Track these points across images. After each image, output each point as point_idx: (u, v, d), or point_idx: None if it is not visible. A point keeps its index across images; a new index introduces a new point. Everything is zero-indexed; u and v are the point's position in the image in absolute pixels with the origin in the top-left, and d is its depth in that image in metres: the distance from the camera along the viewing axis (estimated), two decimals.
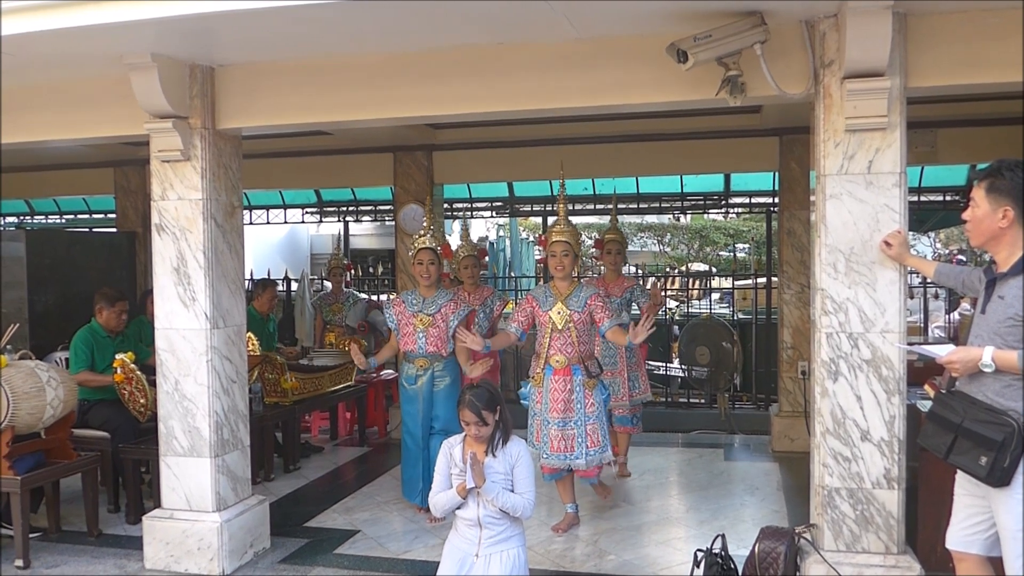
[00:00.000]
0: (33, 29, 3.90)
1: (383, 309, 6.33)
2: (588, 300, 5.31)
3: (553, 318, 5.31)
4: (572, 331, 5.29)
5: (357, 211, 11.86)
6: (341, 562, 5.05)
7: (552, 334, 5.32)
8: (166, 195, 4.87)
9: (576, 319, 5.28)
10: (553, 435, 5.29)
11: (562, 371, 5.30)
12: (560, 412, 5.28)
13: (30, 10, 3.85)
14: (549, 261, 5.41)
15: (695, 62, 3.78)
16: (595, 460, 5.35)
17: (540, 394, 5.37)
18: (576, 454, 5.30)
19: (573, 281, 5.43)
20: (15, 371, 5.02)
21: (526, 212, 11.87)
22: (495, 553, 3.64)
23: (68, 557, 5.19)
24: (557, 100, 4.46)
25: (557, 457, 5.30)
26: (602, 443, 5.37)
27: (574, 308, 5.29)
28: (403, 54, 4.56)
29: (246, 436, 5.21)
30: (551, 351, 5.33)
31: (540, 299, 5.40)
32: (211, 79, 4.84)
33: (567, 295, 5.33)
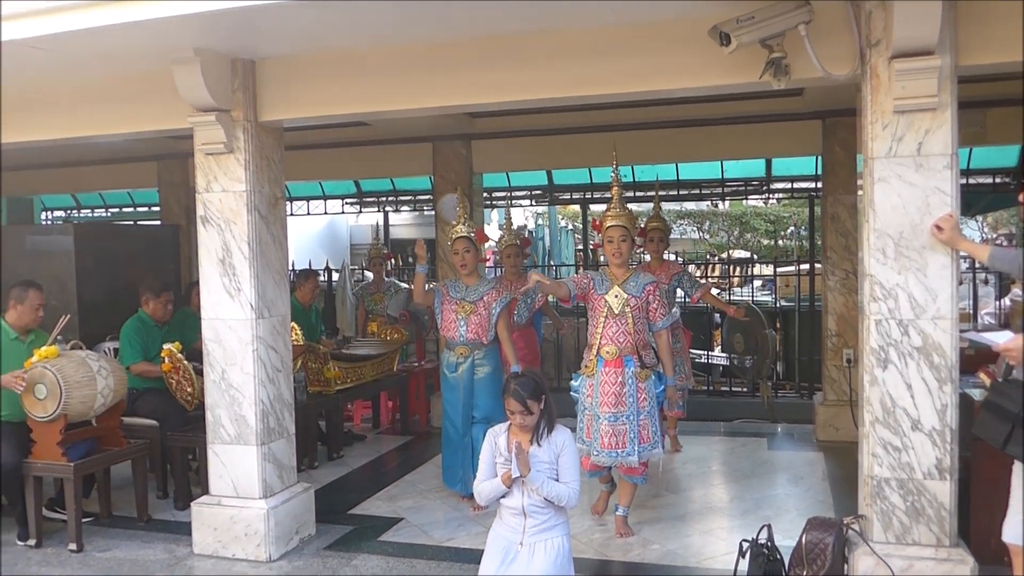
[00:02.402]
0: (79, 27, 3.96)
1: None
2: (647, 287, 5.11)
3: (609, 302, 5.06)
4: (628, 318, 5.04)
5: (396, 201, 11.91)
6: (385, 549, 5.09)
7: (606, 320, 5.06)
8: (210, 187, 4.92)
9: (633, 304, 5.05)
10: (604, 430, 5.03)
11: (613, 362, 5.03)
12: (611, 406, 5.01)
13: (76, 8, 3.91)
14: (606, 247, 5.15)
15: (738, 45, 3.72)
16: (645, 457, 5.12)
17: (591, 387, 5.12)
18: (628, 451, 5.04)
19: (630, 268, 5.22)
20: (67, 361, 5.13)
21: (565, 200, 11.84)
22: (539, 542, 3.63)
23: (119, 541, 5.31)
24: (597, 87, 4.42)
25: (607, 454, 5.04)
26: (653, 439, 5.12)
27: (632, 292, 5.06)
28: (442, 43, 4.55)
29: (291, 424, 5.26)
30: (603, 340, 5.07)
31: (596, 281, 5.15)
32: (252, 72, 4.89)
33: (624, 280, 5.11)
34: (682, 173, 10.32)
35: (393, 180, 11.31)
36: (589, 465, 5.17)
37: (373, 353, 7.64)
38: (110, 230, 11.22)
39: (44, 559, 5.06)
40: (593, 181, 10.50)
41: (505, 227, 7.14)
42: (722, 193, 11.07)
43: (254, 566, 4.86)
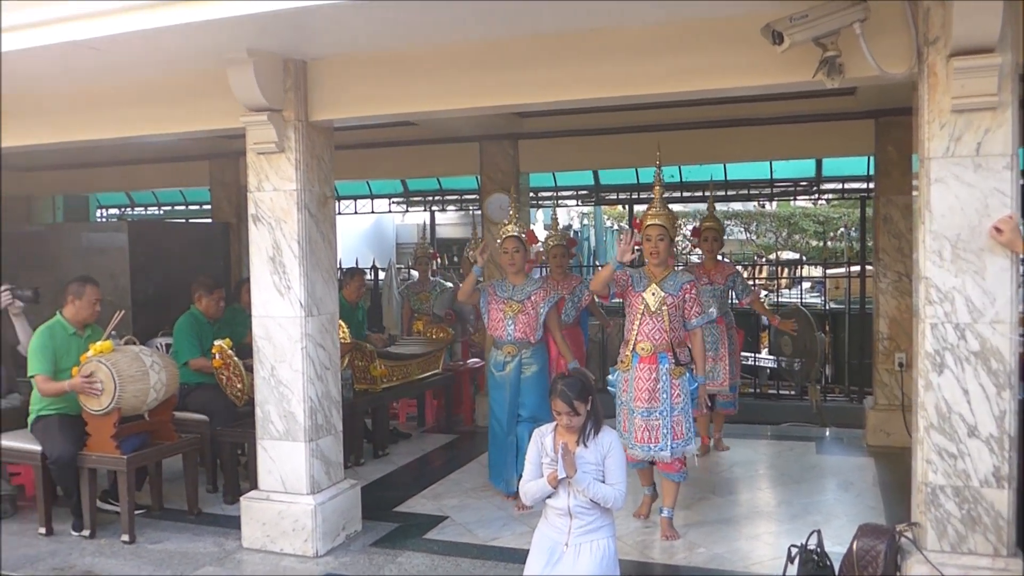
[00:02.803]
0: (136, 28, 4.03)
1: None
2: (684, 286, 5.12)
3: (647, 299, 5.08)
4: (665, 316, 5.06)
5: (443, 200, 11.95)
6: (430, 547, 5.11)
7: (643, 317, 5.09)
8: (262, 186, 4.99)
9: (670, 303, 5.07)
10: (637, 425, 5.10)
11: (648, 359, 5.07)
12: (645, 402, 5.07)
13: (134, 9, 3.98)
14: (644, 246, 5.16)
15: (791, 43, 3.67)
16: (678, 453, 5.12)
17: (626, 382, 5.17)
18: (661, 445, 5.08)
19: (668, 267, 5.23)
20: (121, 356, 5.23)
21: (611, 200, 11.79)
22: (585, 543, 3.62)
23: (170, 534, 5.40)
24: (646, 86, 4.39)
25: (641, 448, 5.09)
26: (686, 436, 5.13)
27: (669, 291, 5.08)
28: (490, 42, 4.56)
29: (339, 422, 5.31)
30: (639, 337, 5.10)
31: (635, 279, 5.15)
32: (304, 72, 4.94)
33: (662, 278, 5.12)
34: (730, 173, 10.23)
35: (440, 180, 11.36)
36: (629, 458, 5.13)
37: (419, 352, 7.69)
38: (162, 228, 11.44)
39: (98, 549, 5.17)
40: (639, 181, 10.44)
41: (552, 227, 7.15)
42: (771, 193, 10.95)
43: (301, 561, 4.91)
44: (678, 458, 5.15)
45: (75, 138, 5.78)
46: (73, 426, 5.33)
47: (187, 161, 9.76)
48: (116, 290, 8.11)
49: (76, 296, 5.52)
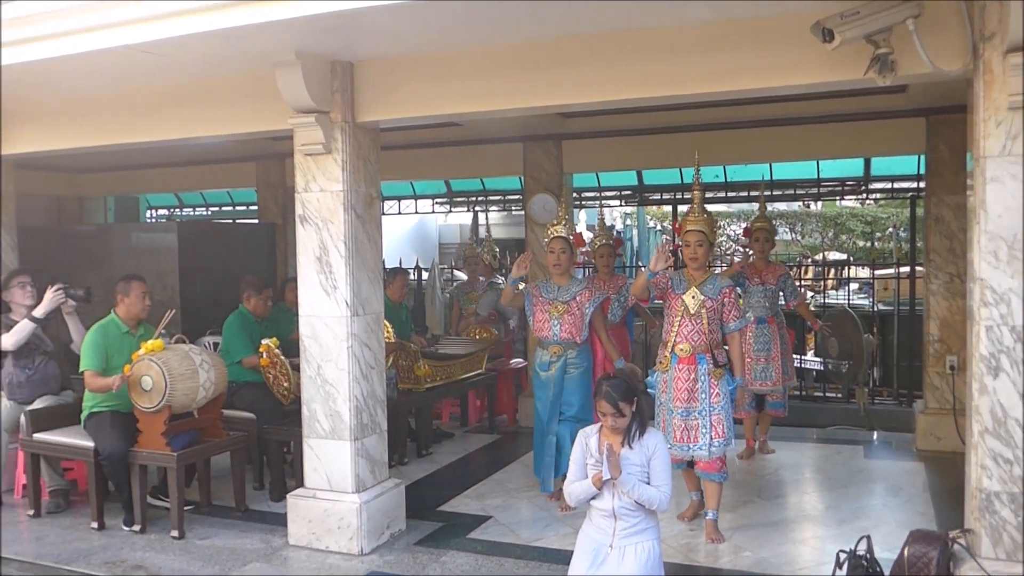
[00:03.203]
0: (187, 32, 4.11)
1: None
2: (723, 290, 5.18)
3: (686, 302, 5.16)
4: (703, 318, 5.13)
5: (486, 201, 11.98)
6: (474, 547, 5.12)
7: (682, 319, 5.16)
8: (309, 187, 5.04)
9: (709, 306, 5.14)
10: (676, 424, 5.16)
11: (687, 360, 5.13)
12: (683, 401, 5.13)
13: (185, 13, 4.05)
14: (683, 251, 5.27)
15: (841, 41, 3.62)
16: (718, 452, 5.14)
17: (665, 382, 5.24)
18: (700, 444, 5.12)
19: (707, 270, 5.30)
20: (171, 354, 5.32)
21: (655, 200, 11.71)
22: (630, 545, 3.61)
23: (218, 530, 5.48)
24: (691, 85, 4.36)
25: (679, 448, 5.14)
26: (726, 435, 5.17)
27: (708, 295, 5.15)
28: (534, 42, 4.56)
29: (384, 421, 5.34)
30: (678, 338, 5.17)
31: (675, 281, 5.24)
32: (350, 74, 4.98)
33: (701, 282, 5.20)
34: (776, 173, 10.09)
35: (483, 180, 11.38)
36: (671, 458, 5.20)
37: (462, 352, 7.71)
38: (211, 228, 11.62)
39: (148, 544, 5.26)
40: (683, 181, 10.35)
41: (599, 227, 7.16)
42: (818, 193, 10.80)
43: (346, 559, 4.95)
44: (719, 458, 5.17)
45: (125, 140, 5.91)
46: (125, 423, 5.43)
47: (234, 163, 9.90)
48: (165, 289, 8.27)
49: (123, 294, 5.65)
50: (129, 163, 10.12)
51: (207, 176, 10.52)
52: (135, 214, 12.84)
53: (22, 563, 5.10)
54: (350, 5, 3.81)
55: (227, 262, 8.80)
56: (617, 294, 6.64)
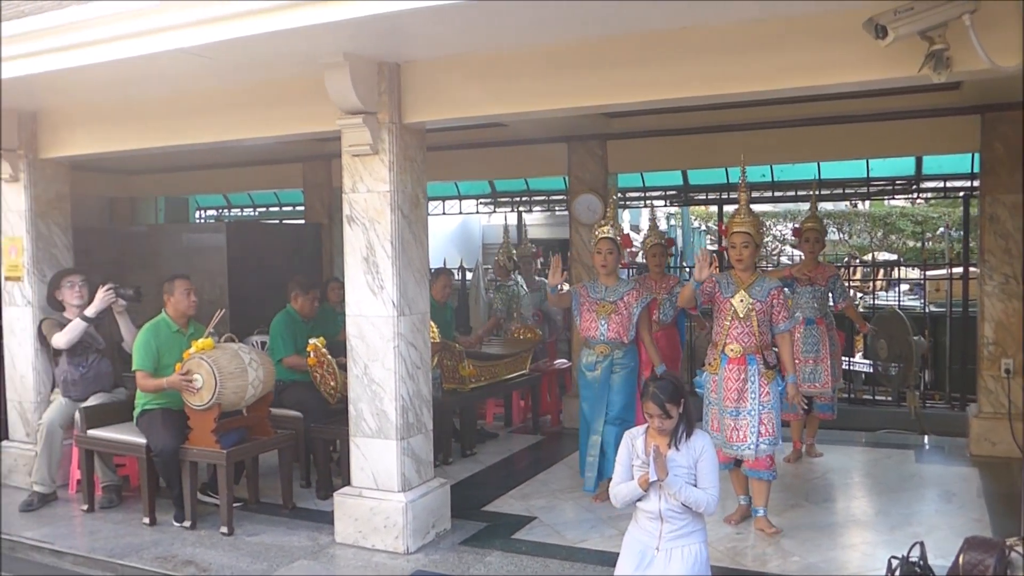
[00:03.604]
0: (239, 35, 4.16)
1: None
2: (771, 292, 5.19)
3: (735, 305, 5.18)
4: (753, 320, 5.14)
5: (530, 201, 11.98)
6: (519, 547, 5.12)
7: (731, 322, 5.19)
8: (356, 187, 5.08)
9: (758, 309, 5.15)
10: (726, 424, 5.19)
11: (737, 360, 5.16)
12: (733, 401, 5.16)
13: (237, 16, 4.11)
14: (729, 252, 5.29)
15: (895, 37, 3.56)
16: (766, 450, 5.16)
17: (715, 383, 5.27)
18: (747, 444, 5.14)
19: (755, 272, 5.30)
20: (221, 353, 5.40)
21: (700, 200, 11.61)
22: (676, 548, 3.59)
23: (266, 527, 5.55)
24: (742, 84, 4.31)
25: (730, 447, 5.19)
26: (774, 434, 5.18)
27: (757, 298, 5.16)
28: (581, 42, 4.54)
29: (429, 420, 5.37)
30: (728, 340, 5.20)
31: (722, 284, 5.27)
32: (398, 75, 5.00)
33: (749, 284, 5.21)
34: (824, 172, 9.95)
35: (527, 180, 11.38)
36: (722, 457, 5.20)
37: (507, 352, 7.72)
38: (258, 228, 11.78)
39: (198, 540, 5.34)
40: (729, 181, 10.26)
41: (650, 227, 7.18)
42: (867, 192, 10.62)
43: (392, 557, 4.98)
44: (768, 456, 5.20)
45: (176, 142, 6.01)
46: (176, 420, 5.53)
47: (281, 164, 10.03)
48: (214, 288, 8.39)
49: (169, 293, 5.77)
50: (179, 164, 10.31)
51: (255, 177, 10.66)
52: (185, 215, 13.07)
53: (76, 557, 5.22)
54: (398, 6, 3.83)
55: (274, 262, 8.92)
56: (668, 294, 6.62)
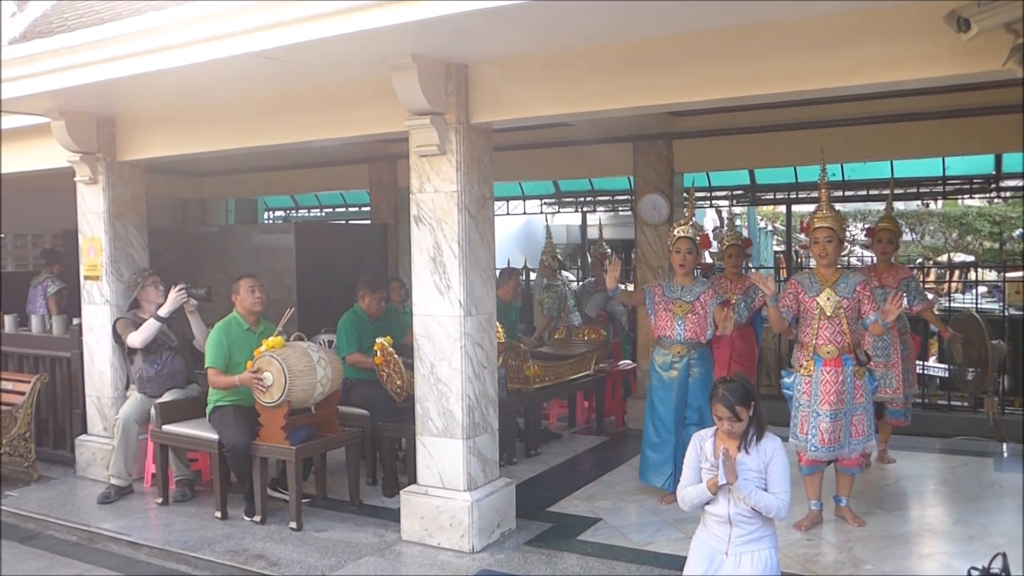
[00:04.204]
0: (310, 38, 4.23)
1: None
2: (857, 287, 5.13)
3: (821, 304, 5.13)
4: (842, 318, 5.09)
5: (594, 201, 11.93)
6: (585, 548, 5.09)
7: (820, 321, 5.14)
8: (423, 188, 5.11)
9: (846, 305, 5.10)
10: (823, 427, 5.12)
11: (833, 362, 5.11)
12: (832, 404, 5.10)
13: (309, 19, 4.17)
14: (812, 248, 5.24)
15: (979, 30, 3.43)
16: (857, 450, 5.22)
17: (808, 385, 5.19)
18: (842, 444, 5.17)
19: (838, 269, 5.24)
20: (291, 351, 5.49)
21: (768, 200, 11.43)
22: (745, 553, 3.54)
23: (334, 523, 5.62)
24: (814, 81, 4.24)
25: (826, 450, 5.14)
26: (866, 433, 5.22)
27: (843, 294, 5.10)
28: (647, 40, 4.51)
29: (495, 420, 5.38)
30: (819, 340, 5.14)
31: (805, 284, 5.22)
32: (465, 76, 5.03)
33: (834, 281, 5.15)
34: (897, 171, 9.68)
35: (591, 180, 11.33)
36: (806, 461, 5.25)
37: (571, 353, 7.69)
38: (326, 229, 11.95)
39: (268, 535, 5.44)
40: (798, 180, 10.06)
41: (727, 227, 7.11)
42: (943, 191, 10.31)
43: (458, 556, 5.00)
44: (861, 454, 5.27)
45: (246, 144, 6.15)
46: (247, 417, 5.64)
47: (348, 165, 10.15)
48: (283, 288, 8.52)
49: (235, 292, 5.91)
50: (248, 167, 10.52)
51: (321, 178, 10.82)
52: (254, 215, 13.33)
53: (152, 548, 5.37)
54: (465, 7, 3.84)
55: (341, 262, 9.03)
56: (744, 294, 6.54)
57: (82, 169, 6.72)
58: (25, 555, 5.47)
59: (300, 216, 14.99)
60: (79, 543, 5.66)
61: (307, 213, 14.97)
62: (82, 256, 6.92)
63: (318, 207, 14.55)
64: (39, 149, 7.12)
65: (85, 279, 6.90)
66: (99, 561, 5.35)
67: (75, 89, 5.49)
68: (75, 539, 5.72)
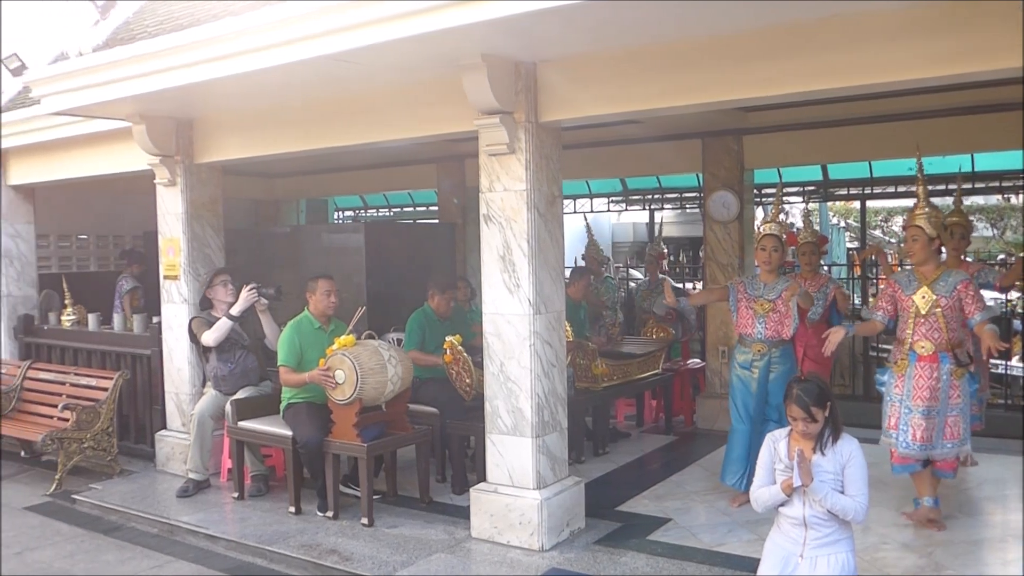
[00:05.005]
0: (383, 39, 4.29)
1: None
2: (958, 286, 5.01)
3: (917, 303, 5.05)
4: (939, 317, 4.99)
5: (662, 199, 11.82)
6: (654, 549, 5.06)
7: (916, 319, 5.06)
8: (493, 187, 5.13)
9: (943, 304, 4.99)
10: (915, 423, 5.04)
11: (928, 358, 5.04)
12: (924, 401, 5.02)
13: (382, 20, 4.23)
14: (907, 247, 5.16)
15: None
16: (951, 453, 5.08)
17: (902, 380, 5.12)
18: (934, 444, 5.05)
19: (940, 266, 5.14)
20: (362, 349, 5.57)
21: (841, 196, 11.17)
22: (822, 556, 3.47)
23: (404, 520, 5.68)
24: (892, 73, 4.13)
25: (918, 447, 5.03)
26: (961, 436, 5.08)
27: (941, 293, 5.00)
28: (716, 36, 4.45)
29: (564, 419, 5.38)
30: (915, 337, 5.06)
31: (903, 283, 5.16)
32: (534, 74, 5.03)
33: (933, 279, 5.06)
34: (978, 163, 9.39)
35: (659, 178, 11.24)
36: (898, 458, 5.15)
37: (639, 351, 7.65)
38: (394, 228, 12.10)
39: (340, 530, 5.53)
40: (873, 175, 9.81)
41: (803, 225, 7.02)
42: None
43: (527, 554, 5.01)
44: (955, 458, 5.14)
45: (317, 146, 6.25)
46: (320, 414, 5.74)
47: (416, 165, 10.25)
48: (353, 287, 8.65)
49: (311, 291, 6.00)
50: (318, 168, 10.71)
51: (390, 178, 10.95)
52: (324, 216, 13.54)
53: (228, 542, 5.50)
54: (535, 6, 3.85)
55: (409, 261, 9.12)
56: (819, 291, 6.41)
57: (161, 171, 6.91)
58: (109, 546, 5.66)
59: (369, 216, 15.18)
60: (160, 535, 5.84)
61: (376, 213, 15.16)
62: (161, 256, 7.12)
63: (386, 207, 14.73)
64: (121, 152, 7.37)
65: (164, 279, 7.10)
66: (179, 553, 5.51)
67: (155, 94, 5.66)
68: (156, 531, 5.90)
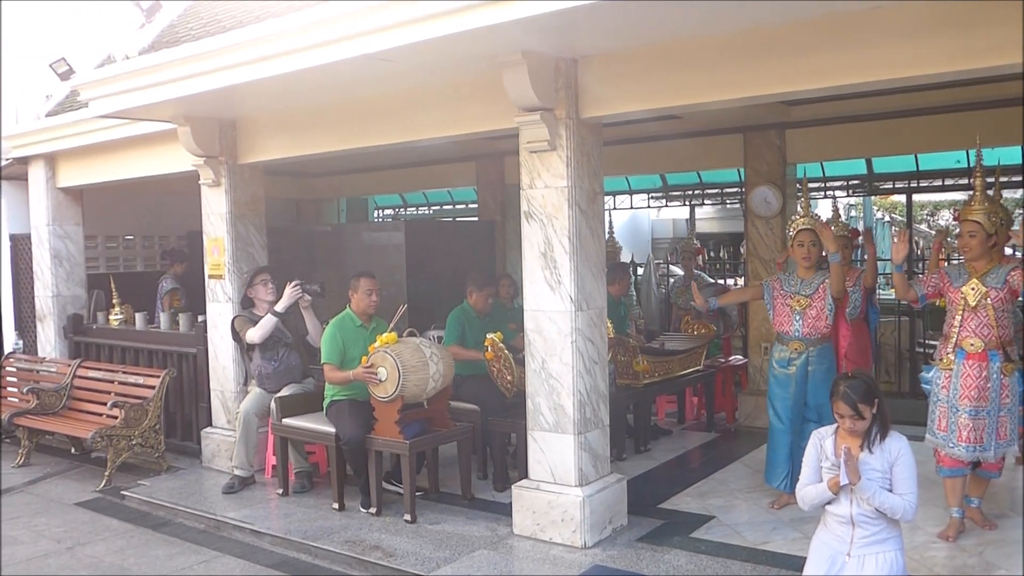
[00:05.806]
0: (424, 38, 4.31)
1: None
2: (1008, 275, 4.83)
3: (966, 295, 4.89)
4: (989, 310, 4.83)
5: (703, 194, 11.72)
6: (698, 546, 5.03)
7: (964, 313, 4.90)
8: (534, 184, 5.13)
9: (993, 297, 4.83)
10: (963, 424, 4.88)
11: (977, 356, 4.86)
12: (972, 400, 4.85)
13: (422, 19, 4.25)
14: (959, 241, 5.03)
15: None
16: (1001, 453, 4.94)
17: (948, 379, 4.96)
18: (985, 446, 4.88)
19: (991, 261, 4.95)
20: (404, 346, 5.60)
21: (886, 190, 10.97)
22: (869, 555, 3.44)
23: (446, 516, 5.71)
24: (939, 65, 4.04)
25: (966, 448, 4.88)
26: (1010, 436, 4.92)
27: (991, 285, 4.84)
28: (758, 30, 4.40)
29: (606, 416, 5.36)
30: (963, 333, 4.91)
31: (952, 276, 5.02)
32: (574, 71, 5.01)
33: (984, 272, 4.90)
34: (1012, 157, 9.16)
35: (699, 173, 11.15)
36: (946, 460, 4.99)
37: (681, 348, 7.60)
38: (434, 226, 12.15)
39: (383, 527, 5.57)
40: (919, 168, 9.63)
41: (834, 219, 6.87)
42: None
43: (569, 551, 5.00)
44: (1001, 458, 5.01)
45: (357, 145, 6.30)
46: (362, 411, 5.78)
47: (455, 163, 10.28)
48: (393, 285, 8.72)
49: (353, 290, 6.06)
50: (358, 167, 10.78)
51: (429, 176, 11.00)
52: (364, 214, 13.64)
53: (274, 537, 5.57)
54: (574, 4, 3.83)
55: (449, 259, 9.16)
56: (854, 286, 6.31)
57: (206, 172, 7.01)
58: (157, 541, 5.76)
59: (409, 214, 15.25)
60: (206, 531, 5.93)
61: (415, 211, 15.22)
62: (206, 256, 7.23)
63: (426, 205, 14.78)
64: (166, 154, 7.49)
65: (209, 278, 7.20)
66: (225, 548, 5.58)
67: (200, 96, 5.74)
68: (203, 527, 5.99)
